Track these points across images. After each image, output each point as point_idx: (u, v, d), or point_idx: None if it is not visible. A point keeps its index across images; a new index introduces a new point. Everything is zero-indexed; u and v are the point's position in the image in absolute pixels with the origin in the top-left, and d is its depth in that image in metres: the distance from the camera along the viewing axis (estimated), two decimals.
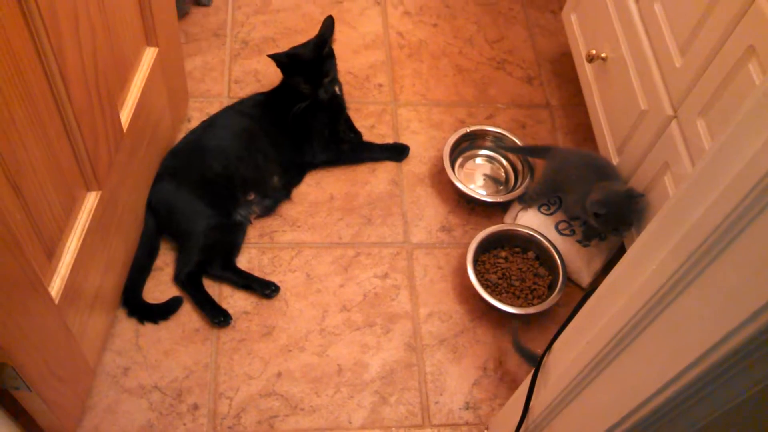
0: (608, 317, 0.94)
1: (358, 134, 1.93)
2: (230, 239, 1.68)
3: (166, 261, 1.67)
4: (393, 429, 1.52)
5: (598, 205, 1.53)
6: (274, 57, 1.75)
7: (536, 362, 1.35)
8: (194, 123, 1.84)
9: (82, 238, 1.26)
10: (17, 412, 1.29)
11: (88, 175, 1.28)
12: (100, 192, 1.32)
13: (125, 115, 1.42)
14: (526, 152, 1.87)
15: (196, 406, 1.50)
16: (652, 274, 0.83)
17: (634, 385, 0.88)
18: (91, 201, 1.31)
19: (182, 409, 1.49)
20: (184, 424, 1.47)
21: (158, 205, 1.66)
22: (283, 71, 1.79)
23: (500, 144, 1.90)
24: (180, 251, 1.67)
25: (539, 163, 1.83)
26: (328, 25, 1.79)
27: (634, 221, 1.52)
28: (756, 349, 0.69)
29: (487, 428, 1.53)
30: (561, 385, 1.09)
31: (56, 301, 1.19)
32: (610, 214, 1.52)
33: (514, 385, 1.57)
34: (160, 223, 1.66)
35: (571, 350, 1.07)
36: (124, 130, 1.40)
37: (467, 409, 1.56)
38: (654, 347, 0.84)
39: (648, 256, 0.85)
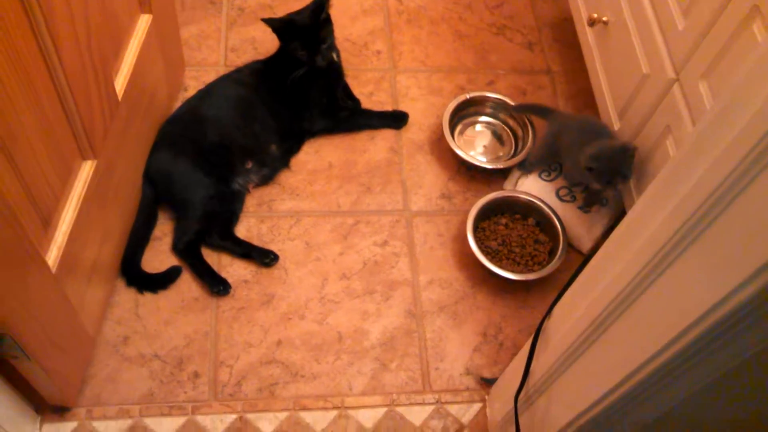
0: (608, 280, 0.93)
1: (356, 102, 1.91)
2: (229, 208, 1.67)
3: (164, 231, 1.66)
4: (393, 395, 1.52)
5: (590, 159, 1.51)
6: (269, 22, 1.72)
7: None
8: (191, 92, 1.82)
9: (78, 207, 1.25)
10: (19, 383, 1.30)
11: (83, 143, 1.26)
12: (95, 161, 1.31)
13: (120, 83, 1.40)
14: (528, 110, 1.85)
15: (196, 374, 1.50)
16: (652, 235, 0.82)
17: (633, 348, 0.88)
18: (86, 170, 1.29)
19: (183, 377, 1.49)
20: (185, 392, 1.48)
21: (156, 175, 1.65)
22: (279, 37, 1.77)
23: (503, 105, 1.88)
24: (178, 220, 1.66)
25: (540, 128, 1.81)
26: None
27: (629, 174, 1.51)
28: (755, 309, 0.68)
29: (487, 393, 1.53)
30: (561, 348, 1.09)
31: (53, 271, 1.18)
32: (604, 167, 1.50)
33: (514, 351, 1.57)
34: (157, 192, 1.65)
35: (571, 314, 1.07)
36: (119, 98, 1.39)
37: (468, 374, 1.56)
38: (653, 309, 0.84)
39: (648, 218, 0.84)
